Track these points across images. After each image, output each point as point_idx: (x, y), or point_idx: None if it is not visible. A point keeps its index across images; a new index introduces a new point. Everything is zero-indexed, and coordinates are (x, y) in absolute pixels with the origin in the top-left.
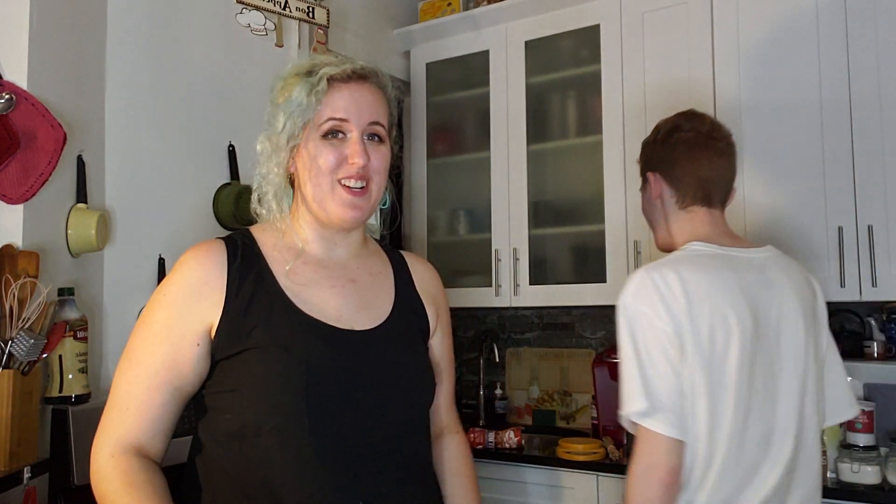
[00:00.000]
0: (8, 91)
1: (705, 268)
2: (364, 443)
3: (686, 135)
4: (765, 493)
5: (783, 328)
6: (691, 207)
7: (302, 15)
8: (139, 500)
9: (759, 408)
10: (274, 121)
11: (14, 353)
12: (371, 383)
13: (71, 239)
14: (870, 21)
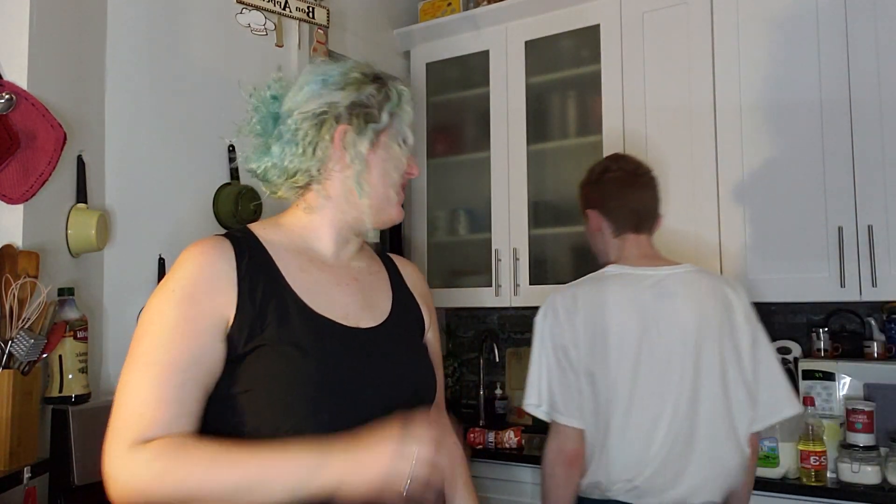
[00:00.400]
0: (8, 91)
1: (601, 287)
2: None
3: (615, 174)
4: (652, 469)
5: (674, 334)
6: (623, 235)
7: (302, 15)
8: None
9: (644, 400)
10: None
11: (14, 353)
12: (380, 380)
13: (71, 239)
14: (870, 21)
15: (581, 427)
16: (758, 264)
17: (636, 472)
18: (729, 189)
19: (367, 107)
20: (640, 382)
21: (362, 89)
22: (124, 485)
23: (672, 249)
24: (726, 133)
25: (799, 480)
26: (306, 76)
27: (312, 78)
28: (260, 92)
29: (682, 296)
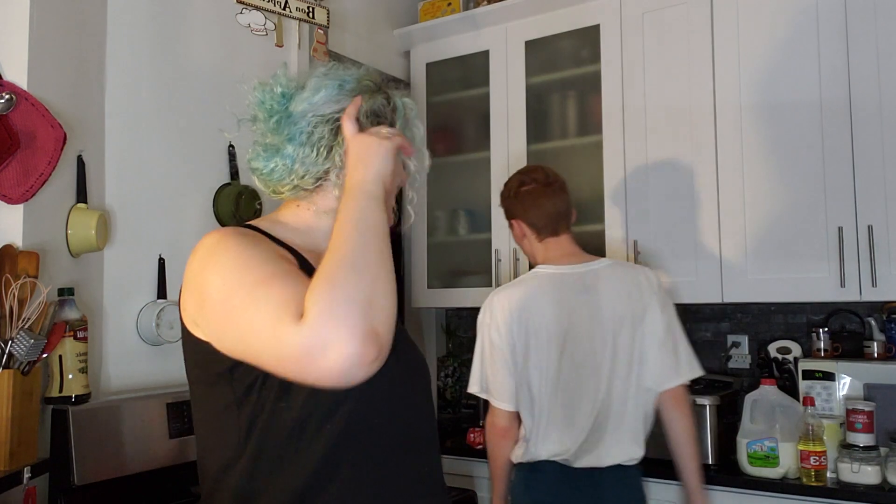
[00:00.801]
0: (8, 91)
1: (531, 286)
2: (410, 422)
3: (530, 186)
4: (580, 439)
5: (595, 322)
6: (546, 239)
7: (302, 15)
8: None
9: (569, 382)
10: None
11: (14, 353)
12: (404, 366)
13: (71, 239)
14: (870, 21)
15: (510, 409)
16: (758, 264)
17: (564, 447)
18: (729, 189)
19: (379, 115)
20: (565, 369)
21: (375, 97)
22: (325, 321)
23: (672, 249)
24: (726, 133)
25: (799, 480)
26: (320, 79)
27: (329, 82)
28: (267, 87)
29: (600, 288)
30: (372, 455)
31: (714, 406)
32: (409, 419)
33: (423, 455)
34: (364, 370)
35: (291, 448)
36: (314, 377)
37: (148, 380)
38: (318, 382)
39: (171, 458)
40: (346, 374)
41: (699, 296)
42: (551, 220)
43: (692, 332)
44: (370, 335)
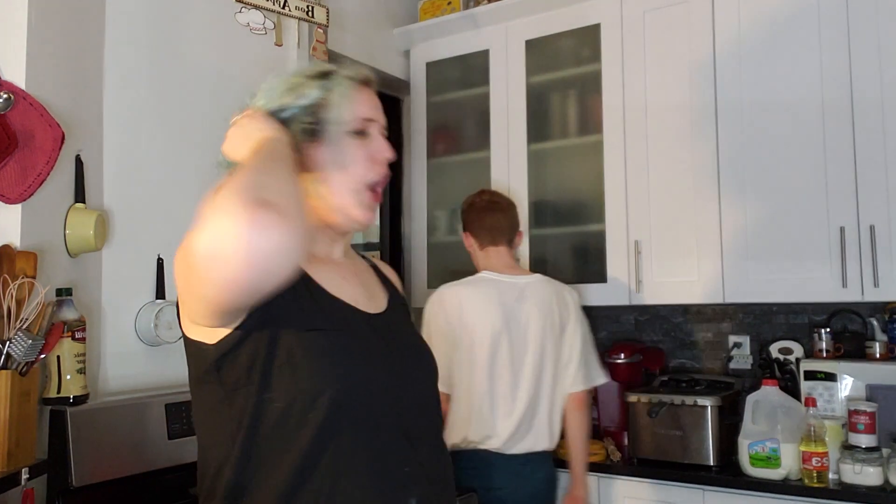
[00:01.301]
0: (6, 90)
1: (477, 287)
2: (401, 411)
3: (478, 204)
4: (511, 430)
5: (528, 328)
6: (486, 248)
7: (301, 14)
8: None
9: (502, 378)
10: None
11: (12, 353)
12: (397, 358)
13: (69, 239)
14: (872, 20)
15: (446, 391)
16: (759, 264)
17: (495, 432)
18: (730, 189)
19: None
20: (498, 365)
21: (299, 91)
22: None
23: (673, 249)
24: (727, 132)
25: (801, 482)
26: (260, 89)
27: (262, 91)
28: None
29: (534, 300)
30: (358, 445)
31: (715, 407)
32: (401, 409)
33: (420, 446)
34: (269, 238)
35: (278, 440)
36: (234, 274)
37: (146, 380)
38: (243, 279)
39: (170, 459)
40: (253, 250)
41: (700, 296)
42: (488, 232)
43: (693, 332)
44: (255, 203)
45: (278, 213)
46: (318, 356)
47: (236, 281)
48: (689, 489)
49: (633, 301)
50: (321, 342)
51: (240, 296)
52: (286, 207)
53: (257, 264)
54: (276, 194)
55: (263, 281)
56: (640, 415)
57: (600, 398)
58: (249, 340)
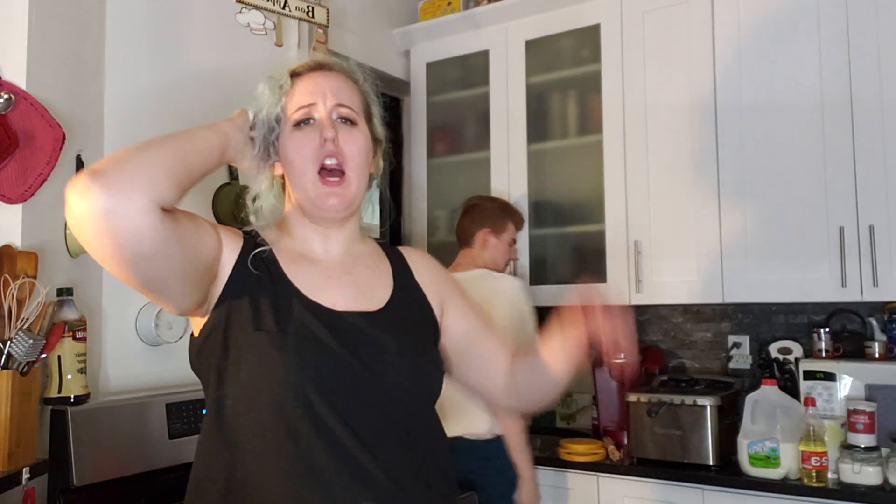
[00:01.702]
0: (6, 90)
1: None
2: (365, 419)
3: (460, 211)
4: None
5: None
6: (461, 251)
7: (302, 14)
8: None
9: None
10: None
11: (13, 353)
12: (370, 363)
13: (70, 239)
14: (871, 20)
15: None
16: (759, 264)
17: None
18: (730, 189)
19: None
20: None
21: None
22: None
23: (673, 249)
24: (727, 132)
25: (800, 481)
26: None
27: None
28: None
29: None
30: (301, 446)
31: (715, 407)
32: (358, 411)
33: (381, 449)
34: (84, 203)
35: (230, 437)
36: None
37: (147, 380)
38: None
39: (171, 458)
40: (77, 217)
41: (700, 296)
42: (458, 236)
43: (692, 332)
44: (82, 175)
45: (95, 177)
46: (259, 357)
47: (93, 249)
48: (688, 489)
49: (632, 301)
50: (265, 343)
51: (115, 261)
52: (110, 171)
53: (91, 229)
54: (114, 162)
55: (114, 243)
56: (639, 414)
57: (600, 399)
58: (212, 337)
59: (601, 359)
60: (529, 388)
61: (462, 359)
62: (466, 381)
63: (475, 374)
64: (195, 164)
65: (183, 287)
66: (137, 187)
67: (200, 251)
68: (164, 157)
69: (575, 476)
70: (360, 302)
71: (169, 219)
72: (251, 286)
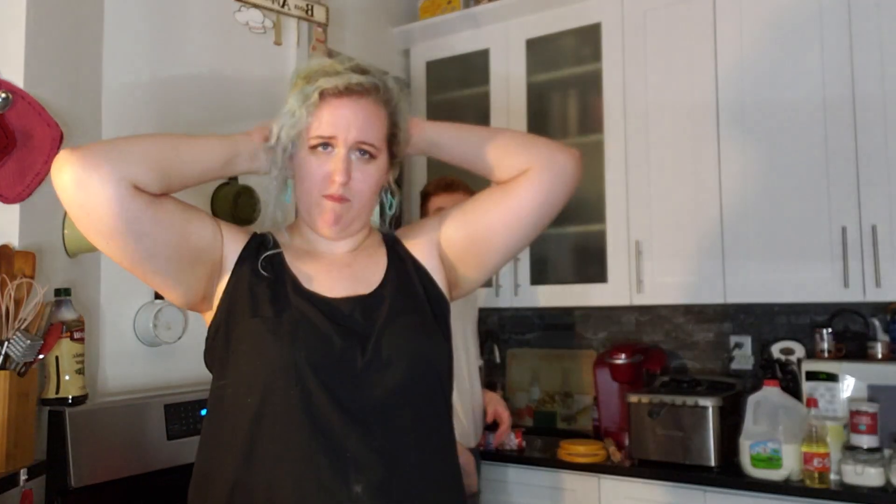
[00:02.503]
0: (4, 89)
1: None
2: (360, 400)
3: None
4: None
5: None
6: None
7: (301, 13)
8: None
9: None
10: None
11: (10, 354)
12: (364, 345)
13: (67, 239)
14: (874, 18)
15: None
16: (761, 264)
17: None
18: (731, 188)
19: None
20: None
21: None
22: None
23: (674, 249)
24: (729, 132)
25: (802, 483)
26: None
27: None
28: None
29: None
30: (293, 430)
31: (717, 408)
32: (352, 394)
33: (376, 432)
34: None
35: (228, 426)
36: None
37: (146, 381)
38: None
39: (169, 459)
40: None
41: (701, 296)
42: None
43: (694, 332)
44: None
45: (74, 152)
46: (254, 342)
47: (74, 220)
48: (690, 490)
49: (633, 301)
50: (260, 328)
51: (92, 234)
52: (90, 147)
53: (66, 199)
54: (99, 142)
55: (86, 214)
56: (640, 415)
57: (601, 399)
58: (218, 333)
59: (602, 359)
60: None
61: (482, 240)
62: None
63: (499, 226)
64: (188, 160)
65: (170, 271)
66: (107, 160)
67: (187, 237)
68: (150, 144)
69: (576, 477)
70: (356, 288)
71: (143, 198)
72: (252, 280)
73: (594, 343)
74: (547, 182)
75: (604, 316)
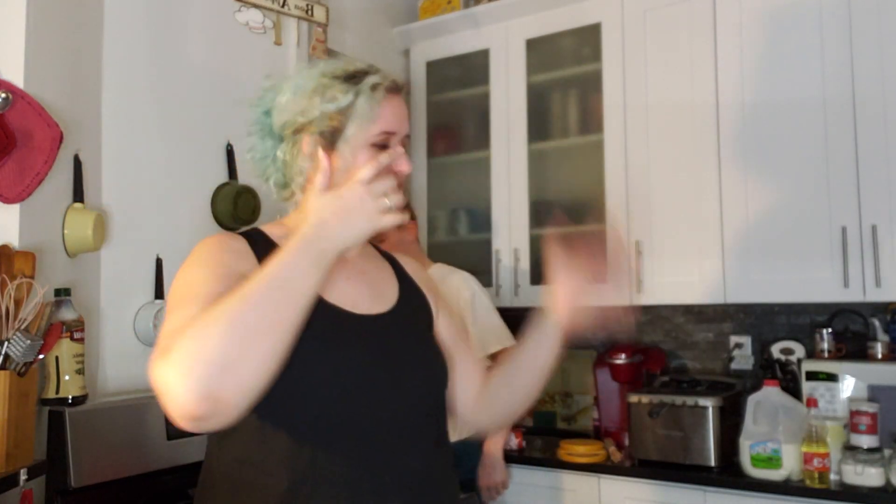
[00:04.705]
0: (4, 90)
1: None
2: (388, 418)
3: None
4: None
5: None
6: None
7: (301, 13)
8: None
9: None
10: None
11: (10, 354)
12: (390, 363)
13: (67, 239)
14: (873, 17)
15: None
16: (761, 264)
17: None
18: (731, 188)
19: (331, 114)
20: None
21: (327, 94)
22: (172, 368)
23: (674, 249)
24: (729, 132)
25: (802, 483)
26: (287, 83)
27: (289, 86)
28: (255, 107)
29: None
30: (333, 452)
31: (717, 408)
32: (386, 415)
33: (409, 452)
34: (192, 425)
35: (260, 439)
36: (166, 409)
37: (145, 381)
38: (168, 416)
39: (169, 460)
40: (179, 422)
41: (702, 296)
42: None
43: (694, 332)
44: (206, 399)
45: (219, 412)
46: (292, 364)
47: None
48: (690, 490)
49: (633, 301)
50: (297, 350)
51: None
52: (233, 403)
53: (179, 423)
54: (237, 387)
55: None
56: (640, 415)
57: (601, 399)
58: None
59: (602, 359)
60: (504, 398)
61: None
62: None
63: (451, 383)
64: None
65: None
66: (243, 406)
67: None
68: (264, 358)
69: (576, 477)
70: (375, 303)
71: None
72: None
73: (594, 343)
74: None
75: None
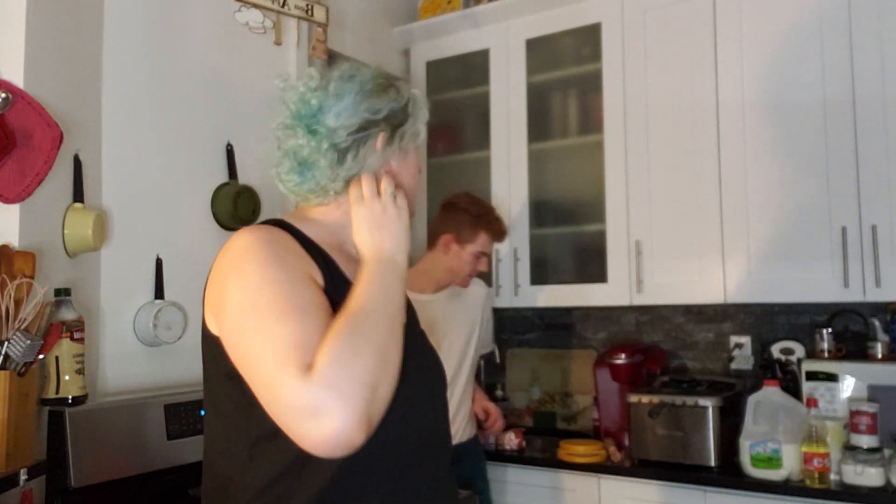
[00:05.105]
0: (4, 90)
1: None
2: (426, 426)
3: None
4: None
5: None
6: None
7: (301, 13)
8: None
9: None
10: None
11: (10, 354)
12: (420, 369)
13: (67, 239)
14: (874, 19)
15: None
16: (761, 264)
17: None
18: (732, 188)
19: (395, 112)
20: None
21: (388, 94)
22: (329, 390)
23: (674, 249)
24: (729, 132)
25: (802, 483)
26: (341, 84)
27: (350, 87)
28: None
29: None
30: (385, 459)
31: (716, 408)
32: (425, 423)
33: (439, 459)
34: (345, 451)
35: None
36: (299, 436)
37: (145, 381)
38: (299, 442)
39: (169, 460)
40: (329, 448)
41: (702, 296)
42: (428, 233)
43: (694, 332)
44: (365, 422)
45: (369, 435)
46: None
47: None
48: (690, 490)
49: (633, 301)
50: None
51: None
52: (376, 426)
53: (323, 451)
54: (381, 409)
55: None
56: (640, 415)
57: (601, 399)
58: None
59: (602, 359)
60: None
61: None
62: None
63: None
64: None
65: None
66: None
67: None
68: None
69: (576, 477)
70: None
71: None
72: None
73: (594, 343)
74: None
75: (604, 316)
